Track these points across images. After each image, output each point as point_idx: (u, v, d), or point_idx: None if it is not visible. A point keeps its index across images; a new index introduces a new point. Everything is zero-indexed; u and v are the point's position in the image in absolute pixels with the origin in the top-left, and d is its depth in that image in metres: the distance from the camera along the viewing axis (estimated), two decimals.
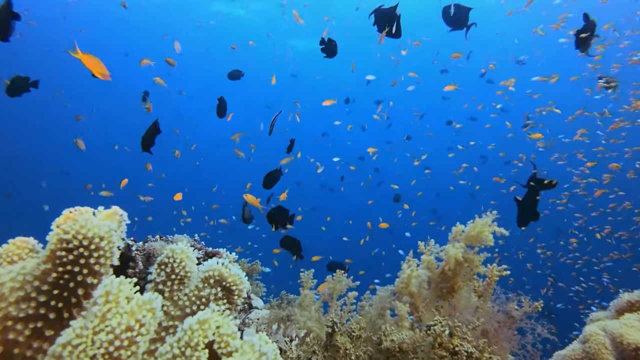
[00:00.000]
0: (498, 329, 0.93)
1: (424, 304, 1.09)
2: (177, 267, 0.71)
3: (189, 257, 0.73)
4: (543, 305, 0.97)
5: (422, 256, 1.19)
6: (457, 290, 1.08)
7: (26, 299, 0.58)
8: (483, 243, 1.16)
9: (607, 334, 0.90)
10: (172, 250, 0.71)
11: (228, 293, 0.73)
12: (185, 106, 15.32)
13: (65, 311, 0.60)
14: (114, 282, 0.55)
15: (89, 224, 0.56)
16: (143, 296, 0.57)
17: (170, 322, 0.70)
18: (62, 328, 0.59)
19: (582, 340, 0.95)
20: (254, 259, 2.37)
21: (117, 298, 0.54)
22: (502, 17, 8.11)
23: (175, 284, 0.71)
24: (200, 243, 1.63)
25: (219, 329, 0.60)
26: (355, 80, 10.53)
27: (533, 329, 0.97)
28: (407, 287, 1.09)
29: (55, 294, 0.58)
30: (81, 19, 11.25)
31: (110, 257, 0.59)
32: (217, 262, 0.72)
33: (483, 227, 1.17)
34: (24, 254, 0.64)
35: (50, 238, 0.57)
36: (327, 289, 1.30)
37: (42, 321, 0.59)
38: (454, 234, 1.23)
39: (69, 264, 0.56)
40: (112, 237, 0.59)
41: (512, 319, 0.95)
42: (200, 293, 0.71)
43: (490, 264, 1.13)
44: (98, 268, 0.58)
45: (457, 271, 1.10)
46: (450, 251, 1.12)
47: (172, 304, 0.71)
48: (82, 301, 0.61)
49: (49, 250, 0.56)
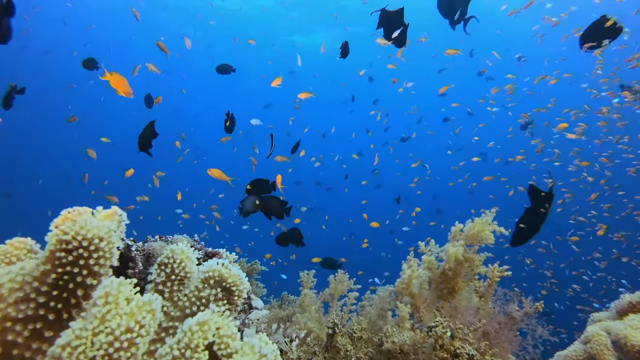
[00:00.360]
0: (499, 330, 0.92)
1: (425, 305, 1.08)
2: (177, 267, 0.71)
3: (189, 258, 0.73)
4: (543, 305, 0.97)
5: (423, 256, 1.18)
6: (458, 290, 1.08)
7: (25, 300, 0.58)
8: (483, 242, 1.15)
9: (610, 335, 0.90)
10: (172, 251, 0.71)
11: (228, 294, 0.72)
12: (185, 105, 15.31)
13: (65, 312, 0.60)
14: (113, 282, 0.55)
15: (88, 225, 0.56)
16: (143, 297, 0.56)
17: (170, 323, 0.70)
18: (62, 329, 0.59)
19: (583, 340, 0.95)
20: (252, 259, 2.37)
21: (117, 299, 0.54)
22: (503, 16, 8.10)
23: (175, 284, 0.71)
24: (200, 243, 1.63)
25: (219, 330, 0.60)
26: (356, 77, 10.54)
27: (534, 330, 0.96)
28: (408, 287, 1.09)
29: (55, 295, 0.58)
30: (80, 18, 11.25)
31: (109, 258, 0.59)
32: (217, 262, 0.72)
33: (482, 226, 1.16)
34: (22, 255, 0.64)
35: (50, 239, 0.56)
36: (328, 289, 1.29)
37: (41, 322, 0.59)
38: (454, 233, 1.22)
39: (68, 265, 0.56)
40: (112, 237, 0.58)
41: (513, 320, 0.95)
42: (200, 294, 0.71)
43: (491, 264, 1.13)
44: (97, 269, 0.58)
45: (458, 271, 1.09)
46: (450, 250, 1.11)
47: (171, 305, 0.71)
48: (82, 302, 0.60)
49: (48, 251, 0.56)
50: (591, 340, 0.90)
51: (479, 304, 1.03)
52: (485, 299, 1.03)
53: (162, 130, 3.13)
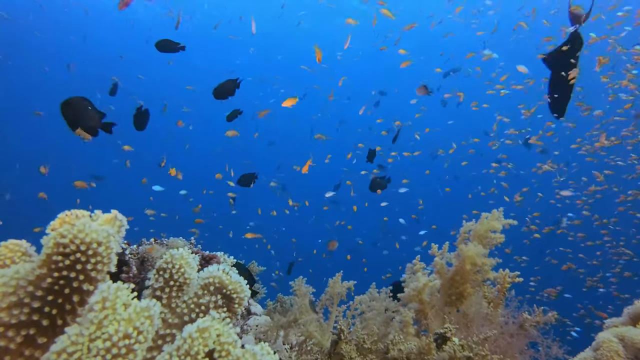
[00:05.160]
0: (511, 341, 0.90)
1: (433, 311, 1.06)
2: (175, 273, 0.69)
3: (188, 263, 0.71)
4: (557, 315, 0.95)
5: (435, 259, 1.14)
6: (467, 297, 1.05)
7: (19, 304, 0.56)
8: (493, 242, 1.11)
9: (622, 341, 0.88)
10: (171, 256, 0.69)
11: (228, 301, 0.71)
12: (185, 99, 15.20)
13: (59, 318, 0.58)
14: (110, 287, 0.53)
15: (87, 229, 0.54)
16: (141, 303, 0.55)
17: (168, 330, 0.68)
18: (55, 335, 0.57)
19: (594, 347, 0.93)
20: (249, 261, 2.33)
21: (114, 304, 0.52)
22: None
23: (173, 290, 0.69)
24: (197, 246, 1.60)
25: (219, 337, 0.58)
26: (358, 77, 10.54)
27: (548, 346, 0.93)
28: (420, 295, 1.06)
29: (50, 300, 0.56)
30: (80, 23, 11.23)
31: (107, 264, 0.57)
32: (218, 268, 0.70)
33: (491, 224, 1.11)
34: (17, 258, 0.62)
35: (46, 242, 0.55)
36: (324, 293, 1.27)
37: (35, 328, 0.57)
38: (463, 235, 1.17)
39: (64, 270, 0.54)
40: (111, 242, 0.57)
41: (524, 330, 0.92)
42: (199, 300, 0.69)
43: (501, 270, 1.08)
44: (95, 274, 0.56)
45: (467, 277, 1.06)
46: (467, 252, 1.06)
47: (169, 311, 0.69)
48: (77, 308, 0.59)
49: (45, 254, 0.54)
50: (602, 347, 0.89)
51: (488, 311, 1.00)
52: (495, 307, 1.01)
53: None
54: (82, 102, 2.14)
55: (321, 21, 11.50)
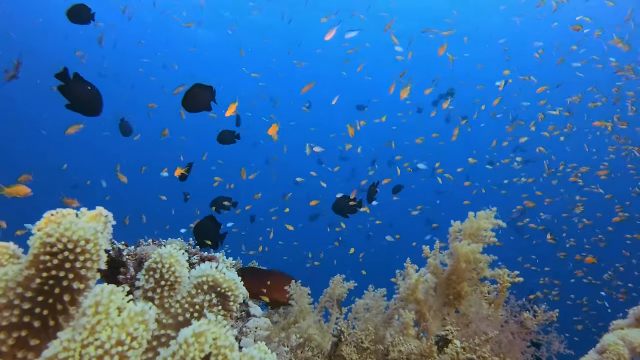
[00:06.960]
0: (512, 341, 0.89)
1: (432, 312, 1.04)
2: (166, 272, 0.67)
3: (179, 262, 0.69)
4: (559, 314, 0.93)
5: (429, 260, 1.13)
6: (465, 296, 1.03)
7: (9, 307, 0.55)
8: (484, 241, 1.10)
9: (626, 344, 0.86)
10: (160, 255, 0.67)
11: (223, 299, 0.69)
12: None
13: (51, 319, 0.57)
14: (104, 291, 0.51)
15: (73, 227, 0.53)
16: (136, 307, 0.53)
17: (163, 331, 0.67)
18: (48, 337, 0.56)
19: (599, 350, 0.91)
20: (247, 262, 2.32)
21: (108, 309, 0.51)
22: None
23: (165, 290, 0.67)
24: (195, 248, 1.59)
25: (216, 341, 0.56)
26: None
27: (549, 343, 0.92)
28: (414, 294, 1.04)
29: (40, 300, 0.55)
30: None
31: (97, 261, 0.56)
32: (211, 266, 0.68)
33: (481, 223, 1.10)
34: (5, 260, 0.61)
35: (33, 242, 0.53)
36: (324, 294, 1.26)
37: (27, 330, 0.56)
38: (453, 234, 1.15)
39: (53, 269, 0.53)
40: (99, 239, 0.55)
41: (526, 330, 0.91)
42: (193, 300, 0.68)
43: (497, 268, 1.07)
44: (85, 272, 0.55)
45: (463, 275, 1.05)
46: (461, 250, 1.04)
47: (163, 312, 0.68)
48: (69, 308, 0.57)
49: (32, 255, 0.53)
50: (607, 350, 0.87)
51: (489, 311, 0.98)
52: (496, 307, 0.99)
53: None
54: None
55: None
